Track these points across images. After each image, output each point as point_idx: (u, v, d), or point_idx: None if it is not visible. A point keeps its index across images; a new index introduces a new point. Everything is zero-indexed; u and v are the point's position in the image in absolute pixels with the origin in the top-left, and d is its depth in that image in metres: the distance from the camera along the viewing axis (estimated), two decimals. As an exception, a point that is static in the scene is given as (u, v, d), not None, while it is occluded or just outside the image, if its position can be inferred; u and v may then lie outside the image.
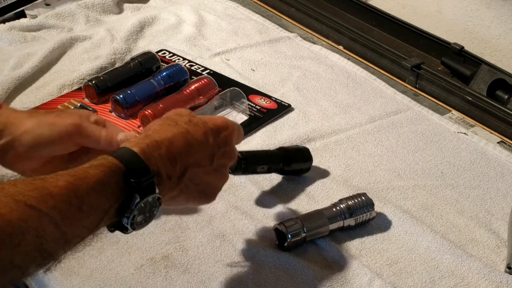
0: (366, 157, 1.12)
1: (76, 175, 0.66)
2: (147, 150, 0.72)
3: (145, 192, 0.70)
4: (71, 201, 0.64)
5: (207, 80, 1.21)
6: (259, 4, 1.58)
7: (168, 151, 0.74)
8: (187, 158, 0.76)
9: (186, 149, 0.77)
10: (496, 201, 1.05)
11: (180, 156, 0.76)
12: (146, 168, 0.71)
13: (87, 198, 0.66)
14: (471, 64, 1.34)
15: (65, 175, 0.66)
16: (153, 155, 0.73)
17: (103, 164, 0.69)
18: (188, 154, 0.77)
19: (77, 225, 0.65)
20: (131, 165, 0.70)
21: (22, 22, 1.42)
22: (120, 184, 0.69)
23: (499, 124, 1.21)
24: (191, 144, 0.77)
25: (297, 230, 0.91)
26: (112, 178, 0.68)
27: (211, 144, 0.79)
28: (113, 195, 0.68)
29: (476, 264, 0.92)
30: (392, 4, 1.61)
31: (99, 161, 0.69)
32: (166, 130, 0.77)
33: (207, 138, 0.79)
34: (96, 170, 0.68)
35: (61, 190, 0.64)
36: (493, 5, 1.46)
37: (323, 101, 1.25)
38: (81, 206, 0.65)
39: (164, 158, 0.74)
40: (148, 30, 1.43)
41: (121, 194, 0.69)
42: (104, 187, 0.67)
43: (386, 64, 1.37)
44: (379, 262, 0.92)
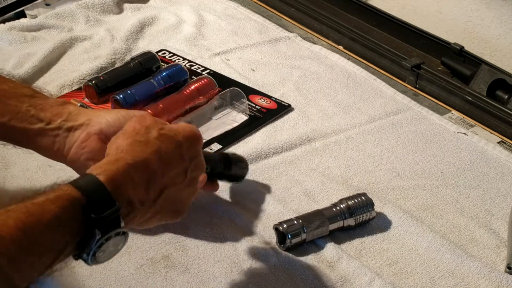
0: (366, 157, 1.12)
1: (29, 212, 0.60)
2: (116, 177, 0.67)
3: (108, 228, 0.65)
4: (21, 244, 0.58)
5: (207, 80, 1.21)
6: (259, 4, 1.58)
7: (143, 174, 0.70)
8: (162, 178, 0.72)
9: (161, 169, 0.72)
10: (496, 201, 1.05)
11: (155, 178, 0.71)
12: (111, 201, 0.65)
13: (40, 238, 0.60)
14: (471, 64, 1.34)
15: (17, 212, 0.60)
16: (125, 182, 0.67)
17: (61, 197, 0.63)
18: (163, 174, 0.73)
19: (27, 269, 0.59)
20: (93, 197, 0.64)
21: (22, 22, 1.42)
22: (79, 218, 0.63)
23: (499, 124, 1.21)
24: (166, 163, 0.73)
25: (297, 230, 0.91)
26: (70, 214, 0.62)
27: (183, 158, 0.76)
28: (71, 232, 0.63)
29: (476, 264, 0.92)
30: (392, 4, 1.61)
31: (57, 193, 0.63)
32: (139, 150, 0.72)
33: (181, 153, 0.75)
34: (52, 205, 0.62)
35: (10, 230, 0.58)
36: (493, 5, 1.46)
37: (323, 101, 1.25)
38: (33, 248, 0.59)
39: (138, 184, 0.69)
40: (148, 30, 1.43)
41: (80, 229, 0.63)
42: (60, 224, 0.61)
43: (386, 64, 1.37)
44: (379, 262, 0.92)
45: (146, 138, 0.74)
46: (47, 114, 0.85)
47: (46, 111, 0.86)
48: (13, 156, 1.06)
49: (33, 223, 0.60)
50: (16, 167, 1.04)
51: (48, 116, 0.85)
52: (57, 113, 0.86)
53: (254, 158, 1.08)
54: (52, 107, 0.86)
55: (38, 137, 0.85)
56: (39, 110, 0.85)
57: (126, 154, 0.71)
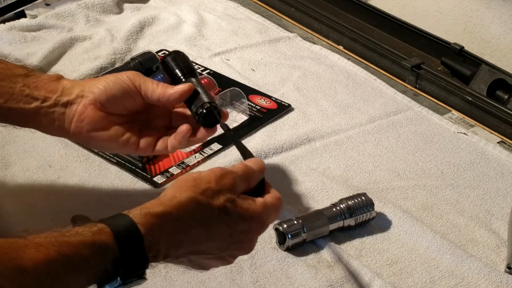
0: (366, 157, 1.12)
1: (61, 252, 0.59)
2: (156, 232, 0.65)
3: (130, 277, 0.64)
4: (44, 280, 0.57)
5: (207, 80, 1.21)
6: (259, 4, 1.58)
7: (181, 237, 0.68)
8: (196, 246, 0.70)
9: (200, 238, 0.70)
10: (496, 201, 1.05)
11: (188, 243, 0.69)
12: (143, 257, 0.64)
13: (64, 277, 0.59)
14: (471, 64, 1.34)
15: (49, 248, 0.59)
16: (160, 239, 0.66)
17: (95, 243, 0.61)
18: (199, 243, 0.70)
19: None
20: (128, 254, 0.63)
21: (22, 22, 1.42)
22: (108, 267, 0.62)
23: (499, 124, 1.21)
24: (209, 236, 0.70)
25: (297, 230, 0.91)
26: (101, 261, 0.62)
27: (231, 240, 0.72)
28: (95, 275, 0.62)
29: (476, 264, 0.92)
30: (392, 4, 1.60)
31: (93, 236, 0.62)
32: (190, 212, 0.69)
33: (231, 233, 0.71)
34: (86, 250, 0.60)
35: (37, 266, 0.57)
36: (493, 5, 1.46)
37: (323, 101, 1.25)
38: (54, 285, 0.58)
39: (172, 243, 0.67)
40: (148, 30, 1.43)
41: (104, 274, 0.63)
42: (88, 269, 0.61)
43: (386, 64, 1.37)
44: (379, 262, 0.92)
45: (208, 202, 0.70)
46: (41, 92, 0.85)
47: (40, 89, 0.85)
48: (13, 156, 1.06)
49: (63, 264, 0.59)
50: (16, 167, 1.04)
51: (42, 93, 0.85)
52: (51, 89, 0.86)
53: (254, 158, 1.08)
54: (46, 84, 0.86)
55: (36, 116, 0.86)
56: (33, 88, 0.85)
57: (175, 209, 0.68)
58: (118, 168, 1.04)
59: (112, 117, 0.87)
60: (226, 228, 0.71)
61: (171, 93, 0.86)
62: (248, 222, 0.73)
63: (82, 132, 0.86)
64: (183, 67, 0.91)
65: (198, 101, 0.87)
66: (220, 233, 0.71)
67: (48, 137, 1.09)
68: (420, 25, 1.44)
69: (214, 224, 0.70)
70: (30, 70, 0.88)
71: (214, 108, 0.87)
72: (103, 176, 1.03)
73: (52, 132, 0.89)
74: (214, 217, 0.70)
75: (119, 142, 0.87)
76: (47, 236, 0.61)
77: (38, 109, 0.85)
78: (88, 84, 0.87)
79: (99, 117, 0.86)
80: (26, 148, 1.07)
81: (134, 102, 0.87)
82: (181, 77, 0.90)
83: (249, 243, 0.76)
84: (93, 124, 0.86)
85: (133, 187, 1.01)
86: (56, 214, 0.95)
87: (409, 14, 1.57)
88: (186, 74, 0.90)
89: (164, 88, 0.86)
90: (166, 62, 0.92)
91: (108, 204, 0.97)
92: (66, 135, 0.88)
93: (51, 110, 0.85)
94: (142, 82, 0.87)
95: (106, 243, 0.62)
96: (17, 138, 1.09)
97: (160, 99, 0.86)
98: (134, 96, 0.87)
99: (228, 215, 0.71)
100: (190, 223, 0.69)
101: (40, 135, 1.09)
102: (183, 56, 0.93)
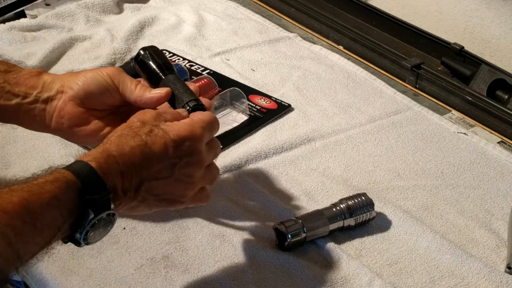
0: (366, 157, 1.12)
1: (30, 191, 0.65)
2: (104, 165, 0.71)
3: (99, 209, 0.70)
4: (25, 218, 0.63)
5: (207, 80, 1.21)
6: (259, 4, 1.58)
7: (124, 166, 0.73)
8: (142, 171, 0.75)
9: (142, 163, 0.75)
10: (496, 201, 1.05)
11: (135, 170, 0.74)
12: (102, 185, 0.70)
13: (41, 215, 0.65)
14: (471, 64, 1.34)
15: (20, 191, 0.65)
16: (110, 170, 0.71)
17: (58, 179, 0.68)
18: (144, 168, 0.75)
19: (30, 242, 0.64)
20: (87, 181, 0.69)
21: (22, 22, 1.42)
22: (75, 200, 0.68)
23: (499, 124, 1.21)
24: (148, 157, 0.75)
25: (297, 230, 0.91)
26: (67, 194, 0.67)
27: (170, 155, 0.77)
28: (68, 211, 0.68)
29: (476, 264, 0.92)
30: (392, 4, 1.60)
31: (55, 175, 0.68)
32: (124, 143, 0.75)
33: (167, 149, 0.76)
34: (51, 186, 0.67)
35: (14, 206, 0.63)
36: (493, 5, 1.46)
37: (323, 101, 1.25)
38: (35, 223, 0.64)
39: (121, 173, 0.73)
40: (148, 30, 1.43)
41: (75, 210, 0.68)
42: (59, 203, 0.67)
43: (386, 64, 1.37)
44: (379, 262, 0.92)
45: (134, 132, 0.76)
46: (21, 88, 0.86)
47: (21, 85, 0.86)
48: (13, 156, 1.06)
49: (35, 201, 0.65)
50: (16, 167, 1.04)
51: (23, 90, 0.86)
52: (32, 85, 0.87)
53: (254, 158, 1.08)
54: (26, 80, 0.87)
55: (18, 112, 0.87)
56: (14, 85, 0.86)
57: (111, 144, 0.74)
58: (118, 168, 1.04)
59: (92, 112, 0.88)
60: (160, 143, 0.76)
61: (147, 97, 0.86)
62: (179, 136, 0.77)
63: (63, 127, 0.88)
64: (159, 63, 0.89)
65: (179, 101, 0.86)
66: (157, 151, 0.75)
67: (48, 137, 1.09)
68: (420, 25, 1.44)
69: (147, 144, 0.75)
70: (11, 65, 0.89)
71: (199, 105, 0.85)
72: (103, 176, 1.03)
73: (34, 128, 0.91)
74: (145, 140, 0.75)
75: (99, 136, 0.88)
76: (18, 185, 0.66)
77: (19, 106, 0.86)
78: (68, 79, 0.88)
79: (79, 112, 0.87)
80: (26, 148, 1.07)
81: (113, 98, 0.88)
82: (159, 75, 0.88)
83: (195, 156, 0.79)
84: (73, 120, 0.87)
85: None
86: (56, 214, 0.95)
87: (409, 14, 1.57)
88: (164, 71, 0.88)
89: (142, 91, 0.87)
90: (140, 60, 0.89)
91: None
92: (47, 131, 0.90)
93: (32, 107, 0.86)
94: (121, 81, 0.87)
95: (66, 177, 0.68)
96: (17, 138, 1.09)
97: (138, 102, 0.87)
98: (113, 93, 0.88)
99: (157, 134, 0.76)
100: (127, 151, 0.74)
101: (40, 135, 1.09)
102: (157, 51, 0.90)
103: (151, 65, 0.89)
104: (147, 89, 0.87)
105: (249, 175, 1.04)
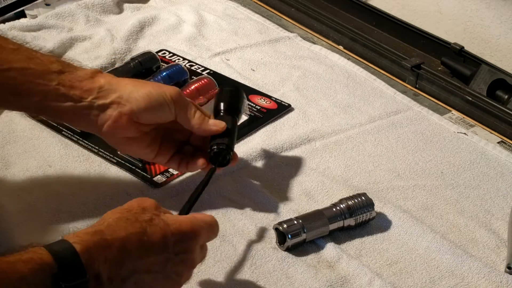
0: (366, 157, 1.12)
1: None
2: (92, 249, 0.65)
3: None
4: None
5: (207, 80, 1.21)
6: (259, 4, 1.58)
7: (117, 253, 0.67)
8: (136, 261, 0.69)
9: (138, 253, 0.70)
10: (496, 201, 1.05)
11: (129, 260, 0.69)
12: (82, 272, 0.64)
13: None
14: (471, 64, 1.34)
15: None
16: (98, 257, 0.66)
17: (32, 260, 0.62)
18: (138, 258, 0.70)
19: None
20: (65, 266, 0.63)
21: (22, 22, 1.42)
22: (47, 284, 0.62)
23: (499, 124, 1.21)
24: (145, 247, 0.70)
25: (297, 230, 0.91)
26: (39, 278, 0.61)
27: (168, 251, 0.72)
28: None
29: (476, 264, 0.92)
30: (392, 4, 1.60)
31: (29, 254, 0.62)
32: (121, 228, 0.70)
33: (165, 243, 0.72)
34: (22, 266, 0.61)
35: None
36: (493, 5, 1.46)
37: (323, 101, 1.25)
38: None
39: (110, 261, 0.67)
40: (148, 30, 1.43)
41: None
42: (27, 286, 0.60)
43: (386, 64, 1.37)
44: (379, 262, 0.92)
45: (135, 217, 0.72)
46: (76, 92, 0.86)
47: (76, 88, 0.86)
48: (13, 156, 1.06)
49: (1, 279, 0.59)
50: (16, 167, 1.04)
51: (77, 93, 0.86)
52: (86, 89, 0.87)
53: (254, 158, 1.08)
54: (81, 83, 0.87)
55: (70, 114, 0.87)
56: (68, 87, 0.86)
57: (107, 228, 0.69)
58: (118, 168, 1.04)
59: (141, 126, 0.90)
60: (160, 236, 0.72)
61: (205, 129, 0.92)
62: (180, 231, 0.74)
63: (114, 135, 0.89)
64: (231, 104, 0.99)
65: (219, 139, 0.93)
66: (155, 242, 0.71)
67: (48, 137, 1.09)
68: (420, 25, 1.44)
69: (146, 233, 0.71)
70: (65, 64, 0.89)
71: (226, 153, 0.93)
72: (103, 176, 1.03)
73: (82, 128, 0.96)
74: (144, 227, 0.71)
75: (141, 148, 0.92)
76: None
77: (72, 109, 0.87)
78: (126, 91, 0.88)
79: (132, 126, 0.89)
80: (26, 148, 1.07)
81: (167, 119, 0.91)
82: (223, 111, 0.98)
83: (189, 255, 0.75)
84: (124, 132, 0.89)
85: (133, 187, 1.01)
86: (56, 214, 0.95)
87: (409, 14, 1.57)
88: (229, 111, 0.98)
89: (201, 119, 0.91)
90: (222, 92, 1.02)
91: (108, 204, 0.97)
92: (96, 133, 0.91)
93: (85, 112, 0.87)
94: (182, 106, 0.91)
95: (41, 258, 0.62)
96: (17, 138, 1.09)
97: (195, 129, 0.92)
98: (169, 116, 0.91)
99: (158, 225, 0.72)
100: (123, 236, 0.69)
101: (40, 135, 1.09)
102: (239, 94, 1.01)
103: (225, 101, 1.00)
104: (206, 118, 0.93)
105: (249, 175, 1.04)
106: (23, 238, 0.90)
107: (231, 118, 0.97)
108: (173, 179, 1.03)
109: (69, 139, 1.09)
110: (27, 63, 0.86)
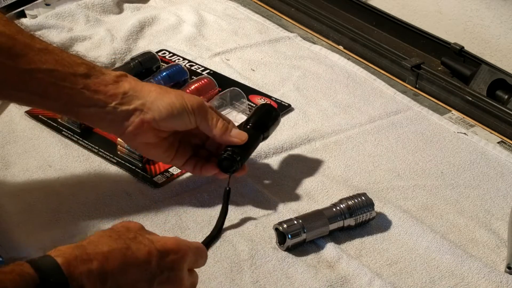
0: (366, 157, 1.12)
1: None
2: (73, 262, 0.64)
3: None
4: None
5: (207, 80, 1.21)
6: (259, 4, 1.58)
7: (100, 267, 0.66)
8: (120, 278, 0.68)
9: (122, 268, 0.68)
10: (496, 201, 1.05)
11: (112, 275, 0.67)
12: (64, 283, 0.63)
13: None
14: (471, 64, 1.34)
15: None
16: (80, 269, 0.64)
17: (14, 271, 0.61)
18: (123, 274, 0.68)
19: None
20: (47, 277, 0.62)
21: (22, 22, 1.42)
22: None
23: (499, 124, 1.21)
24: (129, 263, 0.68)
25: (297, 230, 0.91)
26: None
27: (152, 266, 0.70)
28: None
29: (476, 264, 0.92)
30: (392, 4, 1.60)
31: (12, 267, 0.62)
32: (104, 243, 0.68)
33: (150, 259, 0.70)
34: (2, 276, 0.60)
35: None
36: (493, 5, 1.46)
37: (323, 101, 1.25)
38: None
39: (93, 275, 0.65)
40: (148, 30, 1.43)
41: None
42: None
43: (386, 64, 1.37)
44: (379, 262, 0.92)
45: (118, 235, 0.71)
46: (100, 96, 0.88)
47: (100, 93, 0.88)
48: (13, 156, 1.06)
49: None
50: (16, 167, 1.04)
51: (102, 98, 0.88)
52: (111, 94, 0.89)
53: (254, 158, 1.08)
54: (106, 87, 0.89)
55: (92, 117, 0.90)
56: (93, 92, 0.88)
57: (88, 243, 0.68)
58: (118, 168, 1.05)
59: (161, 133, 0.93)
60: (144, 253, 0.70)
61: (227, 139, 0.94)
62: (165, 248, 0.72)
63: (135, 140, 0.92)
64: (263, 121, 1.01)
65: (235, 147, 0.95)
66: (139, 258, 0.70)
67: (48, 137, 1.09)
68: (420, 25, 1.44)
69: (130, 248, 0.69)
70: (91, 67, 0.91)
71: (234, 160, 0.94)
72: (103, 176, 1.03)
73: (103, 129, 0.97)
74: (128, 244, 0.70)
75: (159, 152, 0.94)
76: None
77: (95, 112, 0.89)
78: (149, 99, 0.90)
79: (151, 132, 0.91)
80: (26, 148, 1.07)
81: (187, 127, 0.93)
82: (251, 126, 1.00)
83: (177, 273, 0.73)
84: (144, 138, 0.92)
85: (133, 187, 1.01)
86: (56, 214, 0.95)
87: (409, 14, 1.57)
88: (257, 126, 1.00)
89: (224, 129, 0.94)
90: (261, 107, 1.05)
91: (108, 204, 0.97)
92: (117, 135, 0.96)
93: (109, 117, 0.89)
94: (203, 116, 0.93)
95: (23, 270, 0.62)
96: (17, 138, 1.09)
97: (217, 138, 0.94)
98: (190, 125, 0.93)
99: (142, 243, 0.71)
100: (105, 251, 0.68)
101: (40, 135, 1.09)
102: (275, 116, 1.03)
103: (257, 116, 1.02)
104: (228, 128, 0.94)
105: (249, 175, 1.04)
106: (23, 238, 0.90)
107: (255, 132, 0.99)
108: (173, 179, 1.03)
109: (69, 139, 1.09)
110: (53, 65, 0.87)
